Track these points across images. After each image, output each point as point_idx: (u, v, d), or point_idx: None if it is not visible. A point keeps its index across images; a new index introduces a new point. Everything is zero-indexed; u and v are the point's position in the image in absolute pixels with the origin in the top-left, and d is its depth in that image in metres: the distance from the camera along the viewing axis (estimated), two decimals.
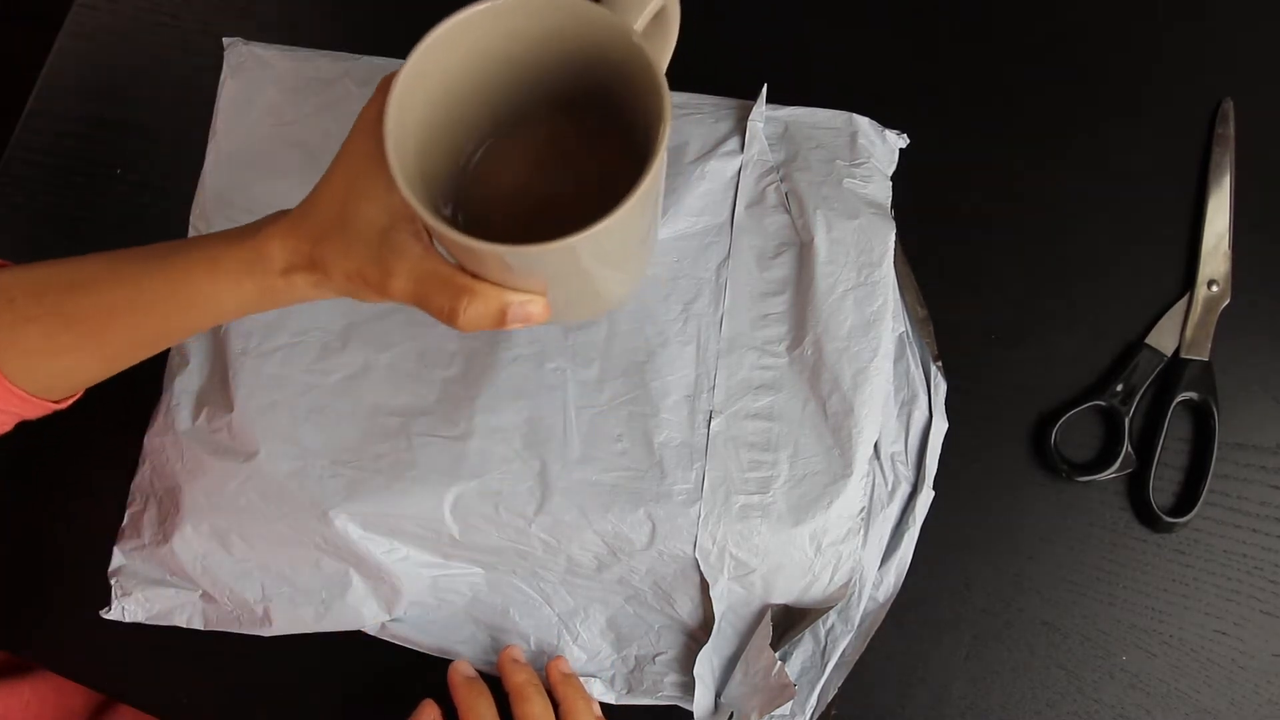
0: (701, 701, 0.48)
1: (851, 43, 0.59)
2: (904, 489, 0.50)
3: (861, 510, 0.48)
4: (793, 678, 0.46)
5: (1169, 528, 0.51)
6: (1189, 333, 0.53)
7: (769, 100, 0.53)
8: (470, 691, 0.46)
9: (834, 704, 0.49)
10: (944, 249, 0.55)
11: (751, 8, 0.60)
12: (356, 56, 0.55)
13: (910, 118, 0.55)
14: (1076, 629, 0.50)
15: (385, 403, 0.49)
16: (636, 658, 0.49)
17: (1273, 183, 0.56)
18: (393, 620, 0.49)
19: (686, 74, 0.56)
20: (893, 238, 0.51)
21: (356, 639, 0.49)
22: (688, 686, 0.48)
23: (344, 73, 0.54)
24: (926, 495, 0.50)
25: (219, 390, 0.50)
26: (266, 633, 0.49)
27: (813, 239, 0.50)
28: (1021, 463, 0.53)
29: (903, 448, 0.51)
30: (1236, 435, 0.52)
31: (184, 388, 0.51)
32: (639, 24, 0.32)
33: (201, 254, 0.35)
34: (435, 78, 0.32)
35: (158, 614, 0.50)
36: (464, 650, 0.49)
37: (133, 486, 0.51)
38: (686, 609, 0.48)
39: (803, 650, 0.49)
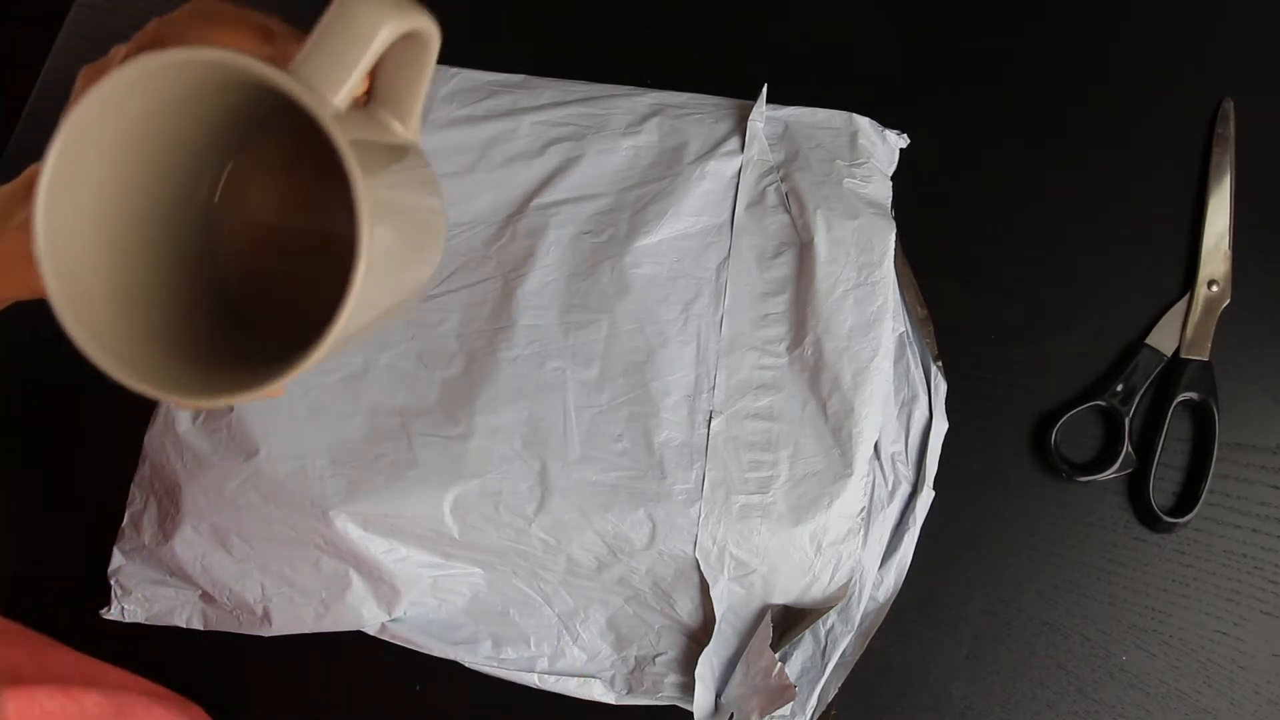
0: (702, 702, 0.48)
1: (852, 43, 0.59)
2: (904, 489, 0.50)
3: (861, 510, 0.48)
4: (793, 678, 0.46)
5: (1169, 528, 0.51)
6: (1189, 333, 0.53)
7: (769, 100, 0.53)
8: None
9: (834, 704, 0.49)
10: (944, 249, 0.55)
11: (751, 7, 0.60)
12: None
13: (910, 118, 0.55)
14: (1076, 629, 0.50)
15: (385, 403, 0.49)
16: (636, 658, 0.49)
17: (1273, 183, 0.56)
18: (393, 620, 0.49)
19: (687, 74, 0.56)
20: (893, 238, 0.51)
21: (357, 639, 0.49)
22: (688, 687, 0.48)
23: None
24: (926, 495, 0.50)
25: None
26: (266, 633, 0.49)
27: (813, 239, 0.50)
28: (1021, 463, 0.53)
29: (903, 448, 0.51)
30: (1236, 435, 0.52)
31: None
32: (343, 92, 0.27)
33: None
34: (107, 148, 0.28)
35: (157, 614, 0.50)
36: (464, 650, 0.49)
37: (133, 486, 0.51)
38: (686, 609, 0.48)
39: (803, 650, 0.49)
